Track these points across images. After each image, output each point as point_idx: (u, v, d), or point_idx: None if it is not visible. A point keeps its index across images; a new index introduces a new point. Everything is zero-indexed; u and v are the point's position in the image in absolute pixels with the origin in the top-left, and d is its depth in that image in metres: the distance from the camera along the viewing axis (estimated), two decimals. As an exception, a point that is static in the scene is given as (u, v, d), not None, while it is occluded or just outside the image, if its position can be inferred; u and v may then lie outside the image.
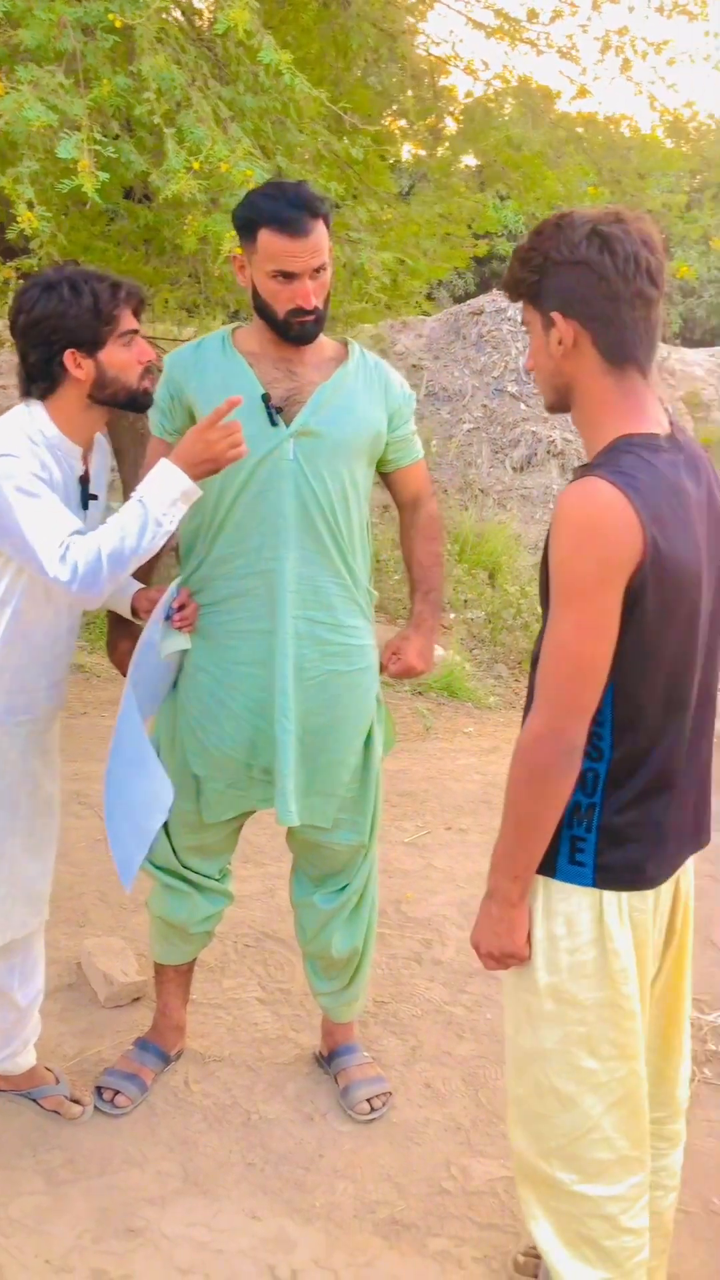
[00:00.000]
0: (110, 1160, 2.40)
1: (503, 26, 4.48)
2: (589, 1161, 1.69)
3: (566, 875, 1.64)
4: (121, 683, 6.16)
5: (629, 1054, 1.67)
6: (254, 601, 2.31)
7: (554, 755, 1.55)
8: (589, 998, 1.65)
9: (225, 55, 3.52)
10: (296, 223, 2.13)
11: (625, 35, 4.71)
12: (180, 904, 2.54)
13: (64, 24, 2.86)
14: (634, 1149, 1.70)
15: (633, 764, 1.61)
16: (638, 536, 1.47)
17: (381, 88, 4.94)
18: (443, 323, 12.65)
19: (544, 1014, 1.68)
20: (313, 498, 2.28)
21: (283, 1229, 2.26)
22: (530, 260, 1.57)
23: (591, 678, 1.53)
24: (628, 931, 1.64)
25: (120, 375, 2.12)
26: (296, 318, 2.20)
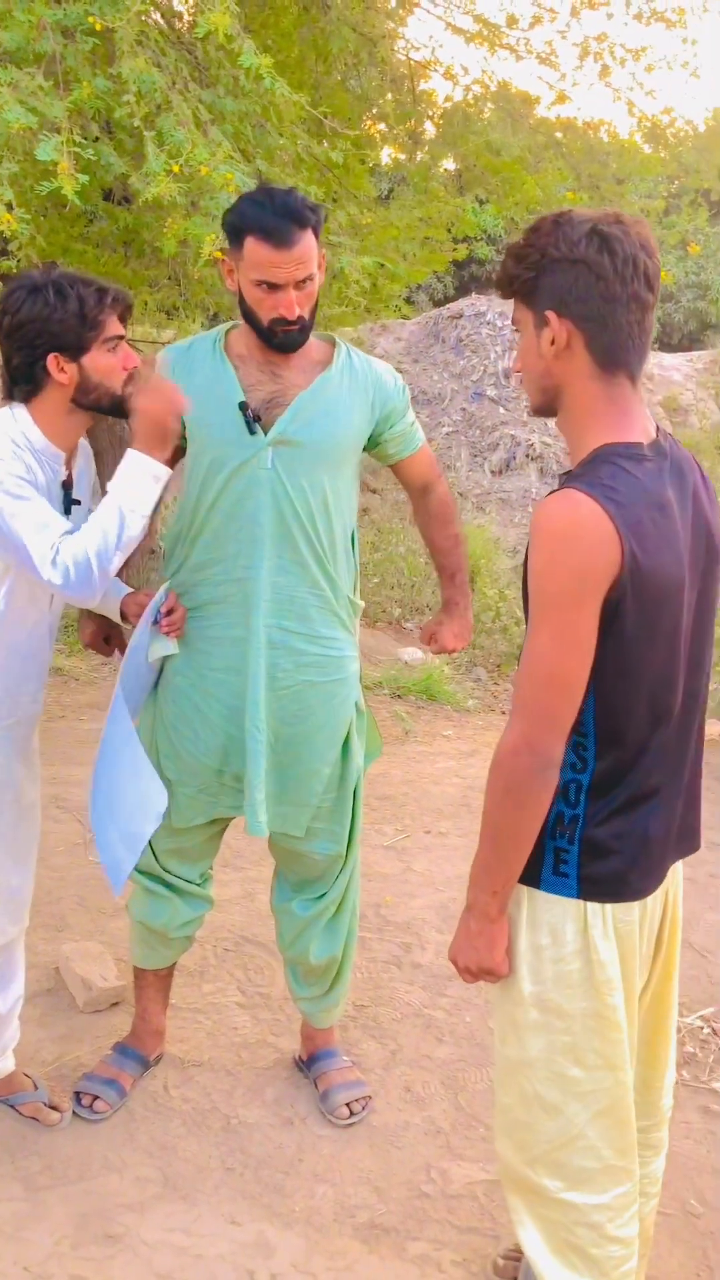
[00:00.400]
0: (89, 1166, 2.39)
1: (482, 32, 4.49)
2: (574, 1169, 1.69)
3: (551, 886, 1.63)
4: (100, 685, 6.13)
5: (614, 1064, 1.66)
6: (229, 609, 2.31)
7: (530, 769, 1.53)
8: (574, 1008, 1.64)
9: (205, 58, 3.52)
10: (282, 233, 2.10)
11: (604, 42, 4.74)
12: (160, 909, 2.53)
13: (43, 26, 2.86)
14: (620, 1159, 1.69)
15: (616, 775, 1.59)
16: (615, 549, 1.45)
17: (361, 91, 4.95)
18: (421, 326, 12.68)
19: (529, 1023, 1.67)
20: (290, 507, 2.26)
21: (262, 1234, 2.26)
22: (526, 257, 1.54)
23: (567, 691, 1.51)
24: (613, 943, 1.63)
25: (104, 381, 2.10)
26: (280, 326, 2.18)
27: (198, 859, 2.55)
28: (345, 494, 2.35)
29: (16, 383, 2.11)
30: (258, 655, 2.30)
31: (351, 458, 2.35)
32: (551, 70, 4.78)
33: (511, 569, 8.84)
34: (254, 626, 2.29)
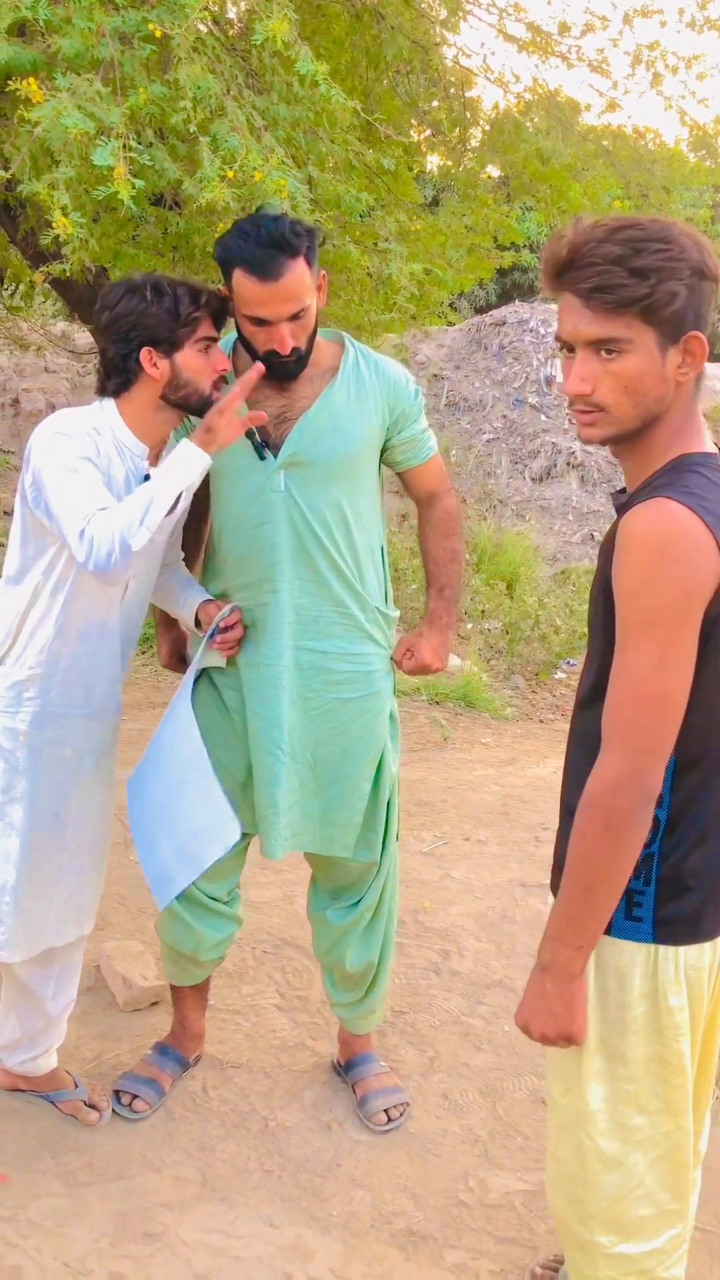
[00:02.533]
0: (128, 1164, 2.41)
1: (535, 40, 4.48)
2: (630, 1220, 1.63)
3: (622, 932, 1.54)
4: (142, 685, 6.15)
5: (677, 1109, 1.60)
6: (255, 633, 2.30)
7: (634, 804, 1.41)
8: (638, 1053, 1.57)
9: (259, 65, 3.53)
10: (267, 265, 2.03)
11: (656, 49, 4.71)
12: (187, 935, 2.50)
13: (102, 33, 2.88)
14: (675, 1202, 1.65)
15: (691, 807, 1.52)
16: (715, 560, 1.37)
17: (409, 98, 4.95)
18: (464, 333, 12.67)
19: (592, 1072, 1.60)
20: (307, 528, 2.23)
21: (300, 1237, 2.26)
22: (661, 271, 1.39)
23: (671, 715, 1.40)
24: (683, 989, 1.55)
25: (194, 379, 2.13)
26: (275, 359, 2.14)
27: (224, 876, 2.50)
28: (366, 506, 2.31)
29: (110, 375, 2.15)
30: (281, 680, 2.29)
31: (368, 469, 2.31)
32: (603, 78, 4.76)
33: (550, 577, 8.80)
34: (279, 651, 2.28)
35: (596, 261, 1.40)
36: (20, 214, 4.96)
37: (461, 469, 10.46)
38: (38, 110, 2.73)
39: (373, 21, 4.15)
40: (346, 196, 3.66)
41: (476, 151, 5.45)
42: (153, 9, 2.86)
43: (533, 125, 4.89)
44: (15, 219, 5.11)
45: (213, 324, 2.15)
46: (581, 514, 10.29)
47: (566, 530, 10.12)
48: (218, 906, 2.50)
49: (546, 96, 4.93)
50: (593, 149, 5.13)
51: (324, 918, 2.56)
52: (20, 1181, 2.33)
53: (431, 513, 2.48)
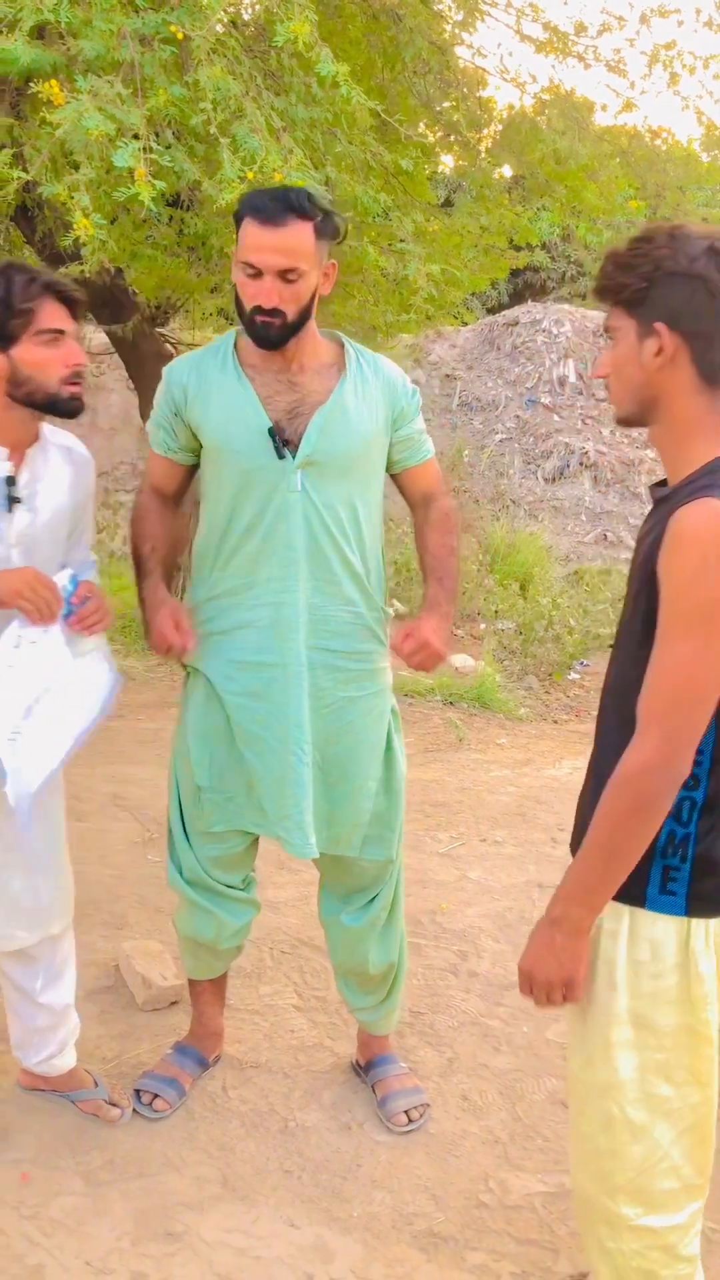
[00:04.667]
0: (149, 1163, 2.41)
1: (552, 40, 4.48)
2: (656, 1192, 1.67)
3: (657, 905, 1.60)
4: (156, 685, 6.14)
5: (704, 1080, 1.65)
6: (257, 634, 2.29)
7: (665, 786, 1.50)
8: (668, 1023, 1.62)
9: (278, 66, 3.54)
10: (273, 213, 2.05)
11: (673, 49, 4.70)
12: (205, 923, 2.51)
13: (123, 34, 2.89)
14: (698, 1176, 1.68)
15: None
16: None
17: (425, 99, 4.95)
18: (477, 333, 12.67)
19: (622, 1041, 1.64)
20: (323, 527, 2.23)
21: (320, 1238, 2.27)
22: (637, 266, 1.53)
23: (706, 705, 1.48)
24: (712, 956, 1.62)
25: (36, 375, 2.00)
26: (260, 315, 2.11)
27: (237, 866, 2.51)
28: (374, 505, 2.32)
29: None
30: (299, 679, 2.28)
31: (377, 467, 2.32)
32: (619, 78, 4.75)
33: (563, 578, 8.79)
34: (293, 650, 2.27)
35: (606, 262, 1.57)
36: (38, 215, 4.98)
37: (474, 469, 10.45)
38: (59, 112, 2.74)
39: (390, 22, 4.15)
40: (364, 197, 3.66)
41: (492, 152, 5.45)
42: (173, 11, 2.87)
43: (548, 125, 4.88)
44: (33, 220, 5.13)
45: (63, 313, 2.02)
46: (595, 514, 10.29)
47: (579, 531, 10.11)
48: (234, 893, 2.51)
49: (562, 97, 4.93)
50: (609, 149, 5.12)
51: (338, 922, 2.55)
52: (41, 1180, 2.34)
53: (429, 513, 2.45)
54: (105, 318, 6.18)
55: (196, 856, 2.47)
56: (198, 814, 2.44)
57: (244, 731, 2.34)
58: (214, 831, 2.44)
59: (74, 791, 4.31)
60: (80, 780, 4.41)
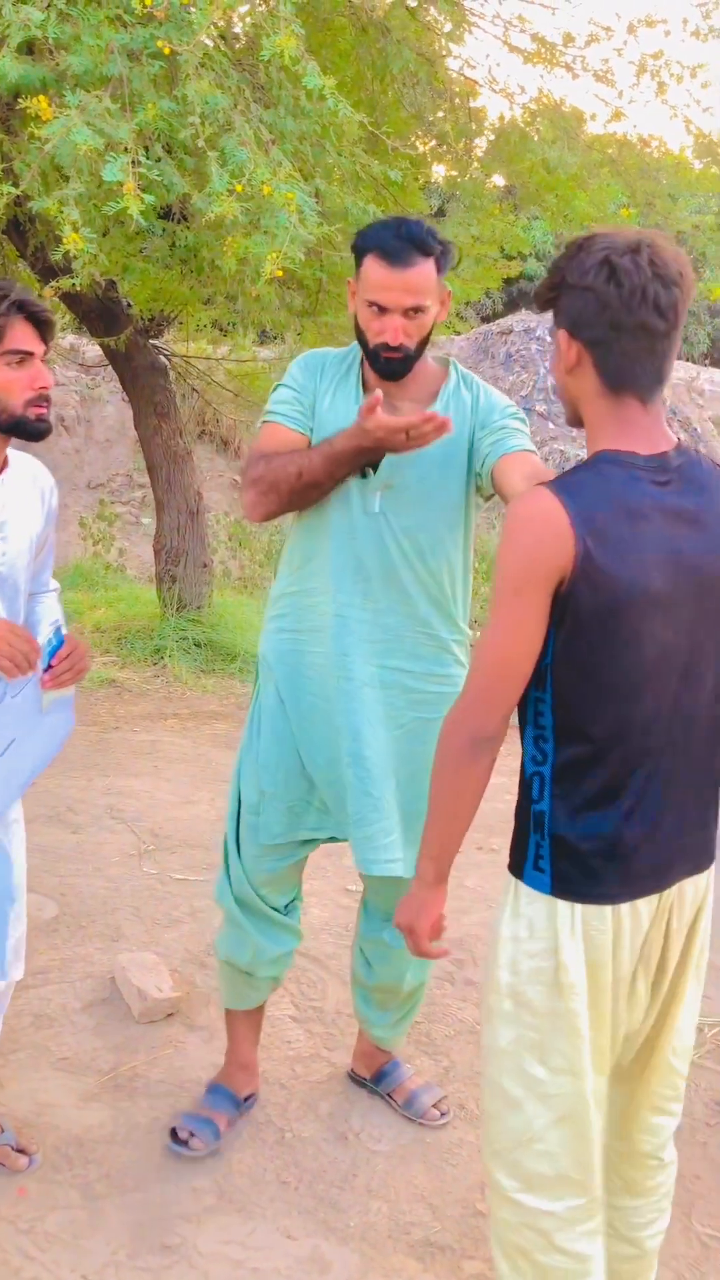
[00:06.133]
0: (145, 1176, 2.41)
1: (539, 51, 4.51)
2: (528, 1171, 1.69)
3: (531, 880, 1.65)
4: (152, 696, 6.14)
5: (577, 1070, 1.65)
6: (326, 639, 2.28)
7: (463, 742, 1.61)
8: (542, 1005, 1.64)
9: (266, 79, 3.56)
10: (399, 254, 2.06)
11: (660, 59, 4.74)
12: (243, 945, 2.48)
13: (111, 49, 2.91)
14: (577, 1171, 1.68)
15: (577, 775, 1.60)
16: (567, 545, 1.49)
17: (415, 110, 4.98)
18: (471, 341, 12.71)
19: (502, 1013, 1.68)
20: (399, 550, 2.22)
21: (317, 1248, 2.26)
22: (551, 277, 1.60)
23: (506, 675, 1.57)
24: (579, 945, 1.62)
25: (0, 397, 1.96)
26: (383, 352, 2.14)
27: (287, 884, 2.47)
28: (461, 529, 2.28)
29: None
30: (361, 694, 2.25)
31: (461, 491, 2.26)
32: (608, 88, 4.79)
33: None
34: (358, 667, 2.25)
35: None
36: (30, 229, 5.00)
37: (470, 477, 10.49)
38: (48, 127, 2.76)
39: (378, 35, 4.18)
40: (354, 208, 3.69)
41: (482, 162, 5.48)
42: (161, 26, 2.89)
43: (538, 135, 4.91)
44: (25, 234, 5.16)
45: (33, 335, 1.96)
46: (590, 521, 10.31)
47: (576, 538, 10.14)
48: (278, 917, 2.47)
49: (551, 106, 4.96)
50: (598, 158, 5.15)
51: (382, 941, 2.51)
52: (37, 1193, 2.34)
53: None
54: (99, 330, 6.21)
55: (247, 874, 2.44)
56: (258, 824, 2.39)
57: (313, 732, 2.33)
58: (274, 844, 2.40)
59: (69, 804, 4.31)
60: (76, 793, 4.41)
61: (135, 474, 11.42)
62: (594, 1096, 1.67)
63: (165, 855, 3.92)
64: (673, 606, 1.56)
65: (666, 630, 1.56)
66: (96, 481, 11.74)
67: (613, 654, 1.55)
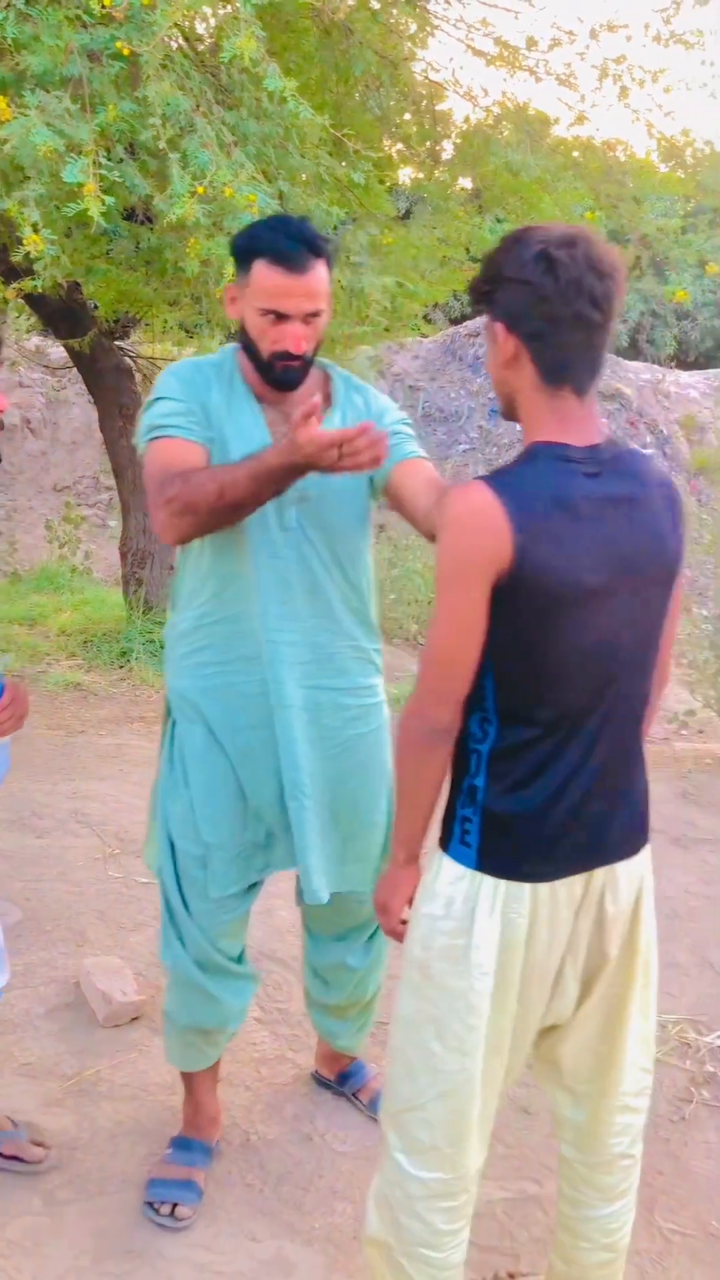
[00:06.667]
0: (109, 1181, 2.40)
1: (502, 54, 4.53)
2: (409, 1136, 1.74)
3: (456, 854, 1.68)
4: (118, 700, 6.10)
5: (466, 1051, 1.67)
6: (255, 666, 2.17)
7: (419, 734, 1.64)
8: (447, 984, 1.67)
9: (229, 81, 3.56)
10: (295, 259, 1.97)
11: (623, 64, 4.77)
12: (210, 1010, 2.37)
13: (71, 50, 2.90)
14: (449, 1147, 1.72)
15: (514, 753, 1.63)
16: (504, 538, 1.51)
17: (380, 112, 4.99)
18: (439, 344, 12.74)
19: (411, 984, 1.73)
20: (320, 564, 2.15)
21: (281, 1250, 2.26)
22: (487, 271, 1.61)
23: (452, 667, 1.60)
24: (495, 925, 1.64)
25: None
26: (281, 360, 2.04)
27: (242, 929, 2.40)
28: (366, 536, 2.25)
29: None
30: (293, 720, 2.18)
31: (368, 501, 2.23)
32: (571, 91, 4.81)
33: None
34: (290, 692, 2.17)
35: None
36: (-9, 230, 4.96)
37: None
38: (6, 127, 2.75)
39: (342, 37, 4.18)
40: (317, 211, 3.69)
41: (447, 164, 5.50)
42: (121, 26, 2.88)
43: (502, 138, 4.93)
44: (-13, 235, 5.12)
45: None
46: (558, 523, 10.34)
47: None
48: (237, 968, 2.39)
49: (516, 110, 4.98)
50: (563, 161, 5.18)
51: (344, 965, 2.48)
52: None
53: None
54: (63, 332, 6.18)
55: (204, 932, 2.30)
56: (207, 878, 2.27)
57: (259, 764, 2.23)
58: (227, 895, 2.28)
59: (34, 808, 4.28)
60: (40, 797, 4.38)
61: (101, 476, 11.37)
62: (484, 1079, 1.71)
63: (130, 859, 3.91)
64: (608, 596, 1.58)
65: (602, 618, 1.59)
66: (62, 484, 11.69)
67: (550, 644, 1.58)
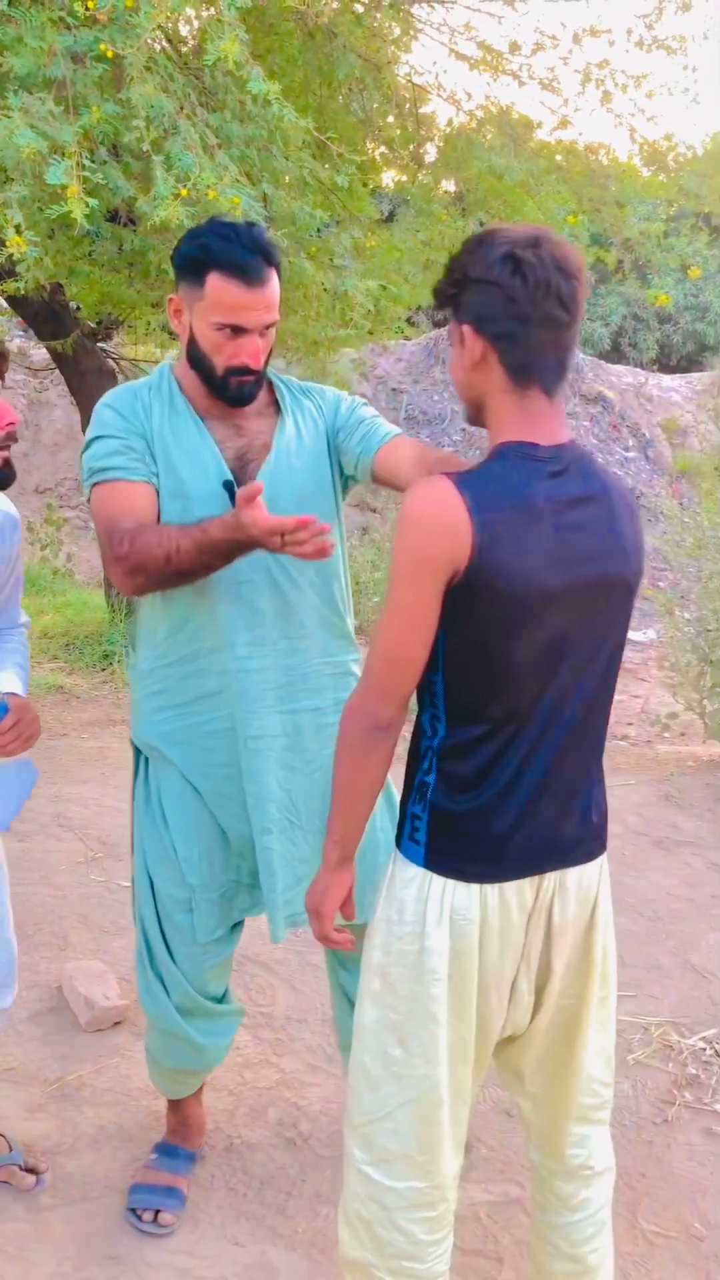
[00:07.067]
0: (92, 1187, 2.39)
1: (485, 58, 4.54)
2: (378, 1147, 1.72)
3: (407, 851, 1.67)
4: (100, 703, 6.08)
5: (430, 1057, 1.67)
6: (224, 703, 2.09)
7: (361, 730, 1.63)
8: (405, 989, 1.67)
9: (213, 84, 3.56)
10: (252, 270, 1.88)
11: (606, 68, 4.79)
12: (197, 1056, 2.33)
13: (54, 52, 2.89)
14: (421, 1154, 1.70)
15: (462, 752, 1.62)
16: (464, 537, 1.49)
17: (364, 115, 5.00)
18: (422, 347, 12.75)
19: (371, 992, 1.72)
20: (290, 583, 2.05)
21: (265, 1255, 2.26)
22: (451, 273, 1.59)
23: (398, 665, 1.58)
24: (444, 931, 1.63)
25: None
26: (236, 376, 1.96)
27: (224, 974, 2.33)
28: (339, 541, 2.14)
29: None
30: (267, 748, 2.09)
31: (334, 502, 2.14)
32: (554, 96, 4.83)
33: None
34: (264, 718, 2.08)
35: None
36: (-26, 231, 4.95)
37: (421, 482, 10.50)
38: (-11, 129, 2.74)
39: (325, 40, 4.19)
40: (301, 213, 3.69)
41: (431, 168, 5.51)
42: (105, 29, 2.88)
43: (485, 142, 4.95)
44: (-31, 236, 5.10)
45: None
46: (540, 525, 10.36)
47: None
48: (219, 1008, 2.32)
49: (499, 113, 5.00)
50: (546, 165, 5.20)
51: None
52: (-18, 1206, 2.31)
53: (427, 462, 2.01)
54: (46, 333, 6.16)
55: (188, 977, 2.24)
56: (192, 923, 2.20)
57: (234, 804, 2.15)
58: (214, 938, 2.22)
59: (17, 811, 4.26)
60: (23, 799, 4.36)
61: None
62: (451, 1087, 1.70)
63: (113, 863, 3.90)
64: (565, 599, 1.57)
65: (558, 622, 1.57)
66: (44, 486, 11.65)
67: (504, 645, 1.56)
